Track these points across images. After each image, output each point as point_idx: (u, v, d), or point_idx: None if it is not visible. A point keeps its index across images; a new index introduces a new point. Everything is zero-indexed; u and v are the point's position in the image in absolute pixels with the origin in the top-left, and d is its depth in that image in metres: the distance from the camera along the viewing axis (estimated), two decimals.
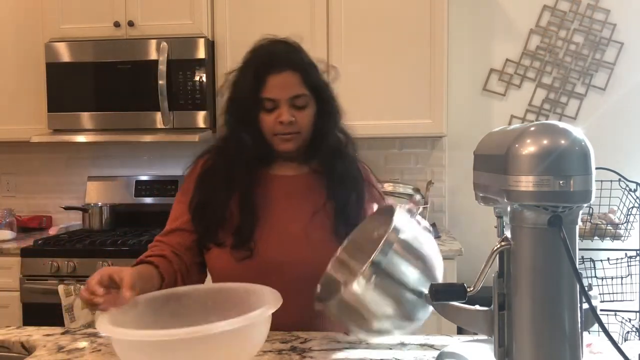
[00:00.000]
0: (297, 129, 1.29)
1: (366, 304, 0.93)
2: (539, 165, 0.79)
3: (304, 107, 1.29)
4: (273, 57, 1.28)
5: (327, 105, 1.34)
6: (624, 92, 2.84)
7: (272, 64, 1.26)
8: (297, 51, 1.32)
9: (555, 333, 0.82)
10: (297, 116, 1.28)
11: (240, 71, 1.32)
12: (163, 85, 2.57)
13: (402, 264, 0.93)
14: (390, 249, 0.92)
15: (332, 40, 2.62)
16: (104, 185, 3.02)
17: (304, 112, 1.29)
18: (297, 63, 1.29)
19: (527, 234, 0.84)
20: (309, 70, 1.30)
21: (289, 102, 1.27)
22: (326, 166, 1.34)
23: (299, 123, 1.29)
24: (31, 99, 2.80)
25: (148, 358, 0.91)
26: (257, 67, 1.27)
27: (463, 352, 1.03)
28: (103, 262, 2.39)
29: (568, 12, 2.85)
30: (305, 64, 1.31)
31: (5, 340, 1.23)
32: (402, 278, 0.94)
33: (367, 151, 2.94)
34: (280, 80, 1.26)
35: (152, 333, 0.92)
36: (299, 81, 1.27)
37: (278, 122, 1.27)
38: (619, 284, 2.61)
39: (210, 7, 2.67)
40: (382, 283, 0.92)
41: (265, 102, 1.27)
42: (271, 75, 1.26)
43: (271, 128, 1.28)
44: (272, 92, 1.26)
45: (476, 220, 2.86)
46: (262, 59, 1.28)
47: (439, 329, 2.30)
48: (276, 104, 1.27)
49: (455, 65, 2.89)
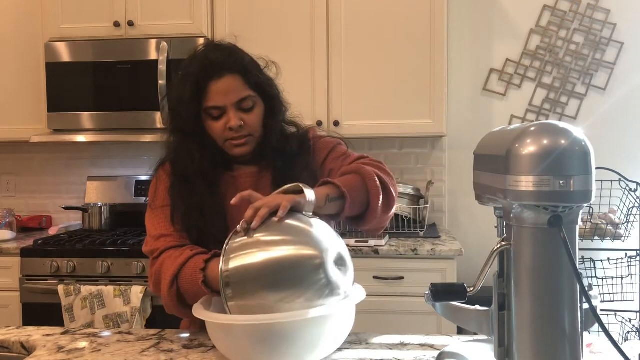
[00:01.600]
0: (248, 132, 1.27)
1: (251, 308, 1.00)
2: (539, 165, 0.79)
3: (251, 108, 1.27)
4: (210, 63, 1.24)
5: (273, 102, 1.32)
6: (624, 92, 2.84)
7: (211, 71, 1.23)
8: (233, 53, 1.28)
9: (555, 333, 0.82)
10: (246, 119, 1.26)
11: (180, 82, 1.28)
12: (163, 85, 2.57)
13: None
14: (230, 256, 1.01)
15: (332, 40, 2.62)
16: (103, 185, 3.02)
17: (252, 114, 1.27)
18: (236, 65, 1.25)
19: (527, 234, 0.84)
20: (250, 70, 1.27)
21: (235, 106, 1.25)
22: (271, 164, 1.33)
23: (249, 125, 1.27)
24: (31, 99, 2.80)
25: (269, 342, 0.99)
26: (196, 77, 1.24)
27: (463, 352, 1.03)
28: (103, 262, 2.39)
29: (568, 12, 2.85)
30: (245, 64, 1.28)
31: (5, 340, 1.23)
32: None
33: (367, 151, 2.95)
34: (222, 86, 1.24)
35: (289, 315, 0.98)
36: (241, 83, 1.25)
37: (227, 128, 1.25)
38: (619, 284, 2.61)
39: (210, 7, 2.67)
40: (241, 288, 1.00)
41: (211, 110, 1.25)
42: (212, 83, 1.23)
43: (221, 135, 1.27)
44: (216, 99, 1.24)
45: (476, 220, 2.86)
46: (200, 67, 1.25)
47: (439, 329, 2.30)
48: (223, 110, 1.25)
49: (455, 65, 2.90)
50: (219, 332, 1.04)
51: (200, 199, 1.27)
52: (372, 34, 2.62)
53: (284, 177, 1.28)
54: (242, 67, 1.26)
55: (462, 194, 2.91)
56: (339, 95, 2.63)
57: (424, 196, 2.74)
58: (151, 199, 1.36)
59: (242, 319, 0.99)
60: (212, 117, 1.26)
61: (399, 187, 2.68)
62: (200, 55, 1.28)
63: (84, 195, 3.04)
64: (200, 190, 1.28)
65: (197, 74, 1.24)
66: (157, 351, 1.14)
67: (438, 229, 2.72)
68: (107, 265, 2.39)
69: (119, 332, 1.28)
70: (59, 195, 3.15)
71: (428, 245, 2.34)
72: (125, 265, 2.38)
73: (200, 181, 1.28)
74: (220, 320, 1.01)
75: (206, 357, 1.11)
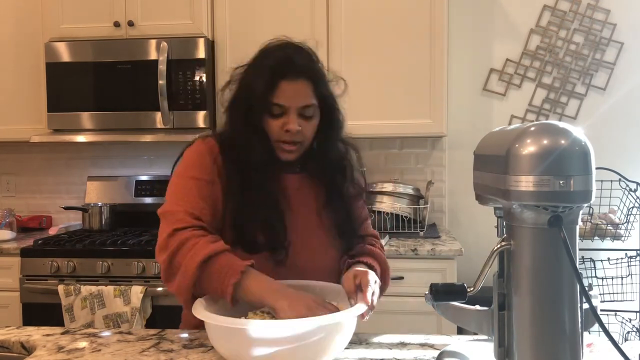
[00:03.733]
0: (302, 139, 1.27)
1: None
2: (539, 165, 0.79)
3: (311, 117, 1.27)
4: (290, 63, 1.24)
5: (332, 116, 1.32)
6: (624, 92, 2.84)
7: (289, 70, 1.23)
8: (313, 60, 1.29)
9: (555, 333, 0.82)
10: (304, 126, 1.26)
11: (253, 70, 1.28)
12: (163, 85, 2.57)
13: None
14: None
15: (332, 40, 2.62)
16: (104, 185, 3.02)
17: (310, 123, 1.28)
18: (313, 72, 1.26)
19: (527, 234, 0.84)
20: (321, 80, 1.28)
21: (298, 110, 1.25)
22: (326, 178, 1.33)
23: (304, 133, 1.27)
24: (31, 99, 2.80)
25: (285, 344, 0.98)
26: (272, 70, 1.23)
27: (463, 351, 1.03)
28: (103, 262, 2.39)
29: (568, 12, 2.85)
30: (319, 74, 1.29)
31: (5, 340, 1.23)
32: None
33: (368, 151, 2.95)
34: (293, 87, 1.24)
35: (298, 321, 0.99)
36: (310, 91, 1.25)
37: (284, 130, 1.25)
38: (619, 284, 2.61)
39: (210, 7, 2.66)
40: None
41: (273, 107, 1.24)
42: (285, 81, 1.23)
43: (276, 134, 1.26)
44: (283, 98, 1.24)
45: (476, 220, 2.86)
46: (279, 62, 1.24)
47: (439, 329, 2.30)
48: (284, 111, 1.25)
49: (455, 65, 2.90)
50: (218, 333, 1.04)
51: (257, 192, 1.24)
52: (372, 34, 2.62)
53: (334, 195, 1.32)
54: (316, 76, 1.27)
55: (462, 194, 2.91)
56: (338, 95, 2.62)
57: (424, 196, 2.74)
58: (187, 167, 1.28)
59: (242, 323, 0.99)
60: (272, 113, 1.25)
61: (399, 187, 2.70)
62: (279, 50, 1.27)
63: (84, 195, 3.04)
64: (259, 184, 1.25)
65: (273, 68, 1.23)
66: (157, 351, 1.14)
67: (438, 229, 2.72)
68: (107, 265, 2.39)
69: (119, 332, 1.28)
70: (59, 195, 3.15)
71: (428, 245, 2.34)
72: (125, 265, 2.38)
73: (259, 174, 1.25)
74: (223, 324, 0.99)
75: (206, 357, 1.11)
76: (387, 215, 2.60)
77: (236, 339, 0.99)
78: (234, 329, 0.98)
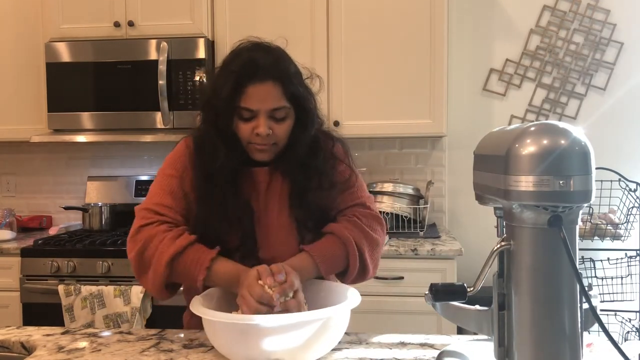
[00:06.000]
0: (274, 141, 1.26)
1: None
2: (539, 165, 0.79)
3: (283, 119, 1.25)
4: (256, 66, 1.21)
5: (305, 116, 1.29)
6: (624, 92, 2.84)
7: (254, 73, 1.20)
8: (282, 60, 1.25)
9: (555, 333, 0.82)
10: (275, 128, 1.24)
11: (220, 75, 1.27)
12: (163, 85, 2.57)
13: None
14: None
15: (332, 40, 2.62)
16: (104, 185, 3.02)
17: (282, 125, 1.25)
18: (280, 73, 1.23)
19: (527, 234, 0.84)
20: (292, 81, 1.25)
21: (268, 113, 1.23)
22: (289, 172, 1.31)
23: (276, 135, 1.25)
24: (31, 99, 2.80)
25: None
26: (238, 75, 1.21)
27: (463, 351, 1.03)
28: (103, 262, 2.39)
29: (568, 12, 2.85)
30: (290, 74, 1.25)
31: (5, 340, 1.23)
32: None
33: (368, 151, 2.96)
34: (261, 91, 1.21)
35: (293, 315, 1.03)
36: (279, 93, 1.22)
37: (254, 133, 1.23)
38: (619, 284, 2.61)
39: (210, 7, 2.67)
40: None
41: (243, 111, 1.23)
42: (251, 85, 1.21)
43: (247, 137, 1.25)
44: (251, 102, 1.21)
45: (476, 220, 2.86)
46: (244, 66, 1.22)
47: (439, 329, 2.30)
48: (254, 114, 1.23)
49: (455, 65, 2.90)
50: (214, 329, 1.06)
51: (222, 196, 1.26)
52: (372, 33, 2.62)
53: (300, 190, 1.29)
54: (286, 77, 1.23)
55: (462, 194, 2.91)
56: (339, 95, 2.63)
57: (424, 196, 2.74)
58: (165, 166, 1.35)
59: (241, 318, 1.01)
60: (241, 117, 1.24)
61: (399, 187, 2.70)
62: (246, 53, 1.25)
63: (84, 195, 3.04)
64: (222, 188, 1.26)
65: (238, 72, 1.21)
66: (157, 351, 1.14)
67: (438, 229, 2.72)
68: (107, 265, 2.39)
69: (119, 332, 1.28)
70: (59, 195, 3.15)
71: (428, 245, 2.34)
72: (125, 265, 2.38)
73: (221, 178, 1.26)
74: (217, 318, 1.03)
75: (206, 357, 1.11)
76: (387, 215, 2.60)
77: (227, 334, 1.04)
78: (225, 324, 1.03)
